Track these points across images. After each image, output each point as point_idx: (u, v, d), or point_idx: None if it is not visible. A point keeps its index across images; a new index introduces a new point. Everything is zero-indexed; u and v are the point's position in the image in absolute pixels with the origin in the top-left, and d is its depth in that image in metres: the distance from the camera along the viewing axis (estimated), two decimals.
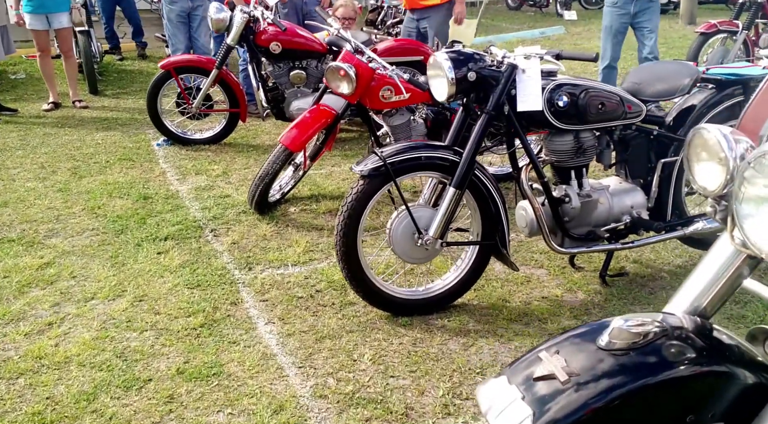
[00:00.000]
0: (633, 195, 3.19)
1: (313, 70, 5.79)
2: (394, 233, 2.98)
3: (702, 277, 1.50)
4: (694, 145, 1.49)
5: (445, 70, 2.85)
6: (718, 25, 7.17)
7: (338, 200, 4.59)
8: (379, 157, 2.88)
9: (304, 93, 5.79)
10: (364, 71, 4.11)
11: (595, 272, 3.40)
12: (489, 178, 3.01)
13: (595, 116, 2.98)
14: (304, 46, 5.73)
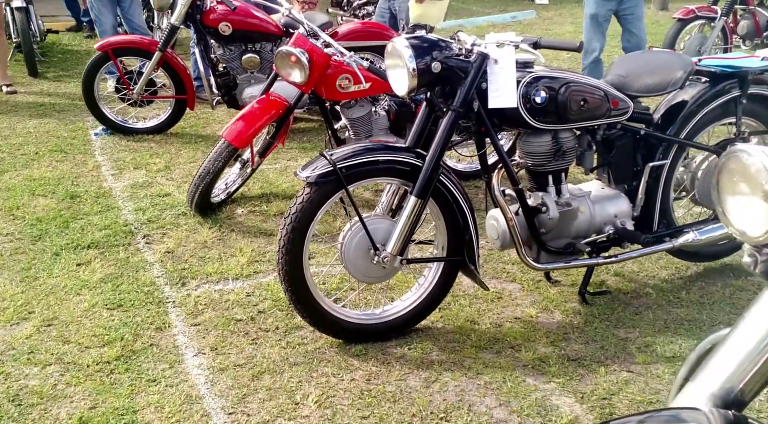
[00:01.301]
0: (617, 203, 2.82)
1: (267, 54, 5.32)
2: (347, 248, 2.56)
3: (736, 350, 1.11)
4: (729, 173, 1.10)
5: (405, 59, 2.42)
6: (696, 10, 6.88)
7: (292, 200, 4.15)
8: (329, 161, 2.46)
9: (258, 79, 5.33)
10: (319, 57, 3.66)
11: (573, 287, 3.03)
12: (456, 184, 2.60)
13: (576, 114, 2.59)
14: (257, 27, 5.26)
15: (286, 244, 2.49)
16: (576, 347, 2.61)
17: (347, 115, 3.98)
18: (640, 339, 2.63)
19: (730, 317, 2.76)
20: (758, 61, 2.89)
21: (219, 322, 2.83)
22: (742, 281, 3.04)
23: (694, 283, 3.06)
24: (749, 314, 1.12)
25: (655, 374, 2.43)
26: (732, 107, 2.88)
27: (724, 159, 1.08)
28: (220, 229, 3.77)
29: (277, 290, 3.08)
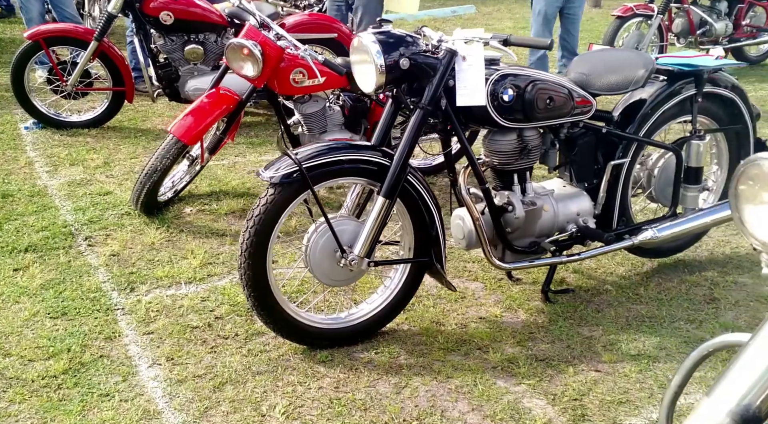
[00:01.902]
0: (579, 201, 2.82)
1: (211, 45, 5.13)
2: (312, 251, 2.47)
3: (753, 364, 1.09)
4: (748, 179, 1.06)
5: (373, 55, 2.33)
6: (635, 8, 7.04)
7: (244, 198, 4.02)
8: (294, 160, 2.35)
9: (201, 71, 5.13)
10: (272, 51, 3.53)
11: (535, 285, 3.02)
12: (423, 184, 2.54)
13: (542, 112, 2.57)
14: (200, 17, 5.06)
15: (249, 247, 2.38)
16: (543, 347, 2.59)
17: (301, 111, 3.86)
18: (605, 337, 2.64)
19: (689, 312, 2.81)
20: (713, 61, 2.95)
21: (174, 330, 2.69)
22: (696, 277, 3.10)
23: (650, 279, 3.10)
24: (765, 327, 1.10)
25: (622, 373, 2.43)
26: (688, 106, 2.93)
27: (744, 167, 1.05)
28: (169, 229, 3.60)
29: (234, 294, 2.96)
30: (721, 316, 2.77)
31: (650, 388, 2.36)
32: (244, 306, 2.85)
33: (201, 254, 3.33)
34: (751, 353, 1.09)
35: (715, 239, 3.44)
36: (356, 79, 2.48)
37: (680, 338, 2.63)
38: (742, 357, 1.10)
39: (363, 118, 4.02)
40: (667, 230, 2.87)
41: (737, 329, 2.67)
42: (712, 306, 2.84)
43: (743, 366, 1.09)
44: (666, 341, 2.60)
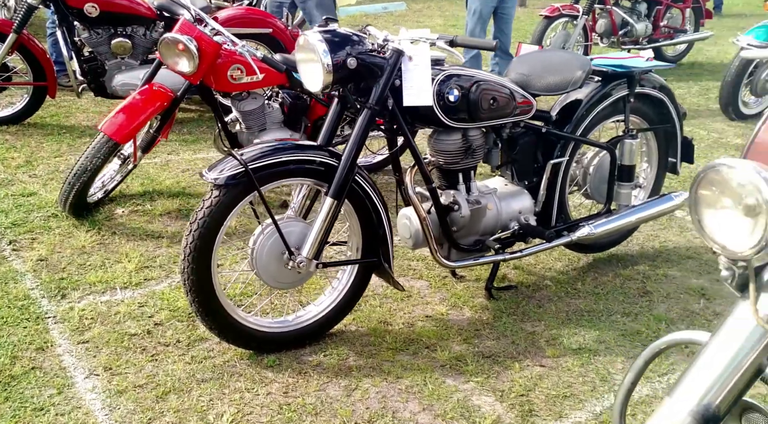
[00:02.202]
0: (521, 199, 2.88)
1: (140, 38, 4.97)
2: (259, 254, 2.42)
3: (712, 364, 1.13)
4: (708, 184, 1.09)
5: (320, 54, 2.30)
6: (561, 8, 7.24)
7: (179, 198, 3.90)
8: (239, 161, 2.29)
9: (129, 65, 4.96)
10: (208, 46, 3.43)
11: (478, 283, 3.07)
12: (371, 184, 2.53)
13: (487, 112, 2.60)
14: (127, 9, 4.89)
15: (192, 251, 2.30)
16: (489, 344, 2.63)
17: (239, 108, 3.77)
18: (547, 332, 2.71)
19: (624, 306, 2.91)
20: (644, 62, 3.06)
21: (110, 338, 2.58)
22: (629, 271, 3.21)
23: (587, 274, 3.19)
24: (724, 327, 1.14)
25: (565, 367, 2.50)
26: (621, 106, 3.03)
27: (704, 172, 1.09)
28: (100, 232, 3.45)
29: (173, 298, 2.87)
30: (654, 308, 2.89)
31: (592, 381, 2.43)
32: (185, 311, 2.77)
33: (136, 257, 3.21)
34: (710, 352, 1.14)
35: (645, 233, 3.58)
36: (302, 78, 2.44)
37: (617, 330, 2.72)
38: (701, 357, 1.14)
39: (303, 115, 3.97)
40: (603, 226, 2.97)
41: (669, 321, 2.79)
42: (646, 299, 2.95)
43: (703, 366, 1.13)
44: (604, 335, 2.69)
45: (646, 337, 2.67)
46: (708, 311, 2.86)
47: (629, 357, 2.54)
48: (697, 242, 3.50)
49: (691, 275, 3.17)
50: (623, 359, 2.53)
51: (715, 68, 8.02)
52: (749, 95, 5.96)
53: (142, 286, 2.98)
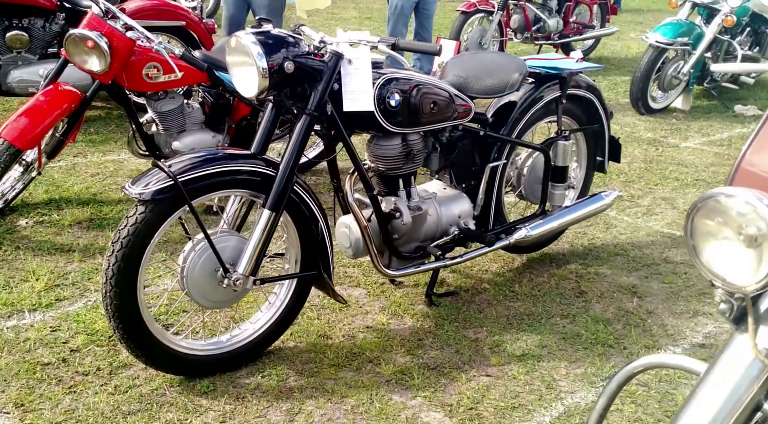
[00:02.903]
0: (460, 203, 2.82)
1: (38, 31, 4.59)
2: (190, 272, 2.24)
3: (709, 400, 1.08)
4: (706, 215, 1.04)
5: (255, 57, 2.14)
6: (477, 4, 7.30)
7: (89, 206, 3.61)
8: (168, 173, 2.10)
9: (26, 60, 4.59)
10: (121, 43, 3.18)
11: (417, 289, 3.00)
12: (310, 193, 2.40)
13: (427, 117, 2.52)
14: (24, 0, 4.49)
15: (116, 273, 2.10)
16: (433, 354, 2.57)
17: (155, 109, 3.53)
18: (490, 339, 2.67)
19: (561, 307, 2.91)
20: (575, 63, 3.07)
21: (21, 369, 2.34)
22: (562, 270, 3.23)
23: (523, 275, 3.19)
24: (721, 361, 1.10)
25: (511, 375, 2.47)
26: (553, 107, 3.03)
27: (701, 202, 1.04)
28: (1, 247, 3.15)
29: (90, 320, 2.64)
30: (590, 309, 2.91)
31: (539, 389, 2.41)
32: (105, 334, 2.55)
33: (45, 274, 2.94)
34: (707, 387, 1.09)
35: (574, 231, 3.63)
36: (235, 83, 2.27)
37: (558, 334, 2.72)
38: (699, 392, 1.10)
39: (226, 116, 3.77)
40: (539, 227, 2.97)
41: (606, 321, 2.82)
42: (582, 300, 2.98)
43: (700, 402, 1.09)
44: (546, 339, 2.68)
45: (585, 339, 2.69)
46: (641, 309, 2.91)
47: (571, 361, 2.54)
48: (623, 239, 3.58)
49: (621, 273, 3.22)
50: (566, 364, 2.52)
51: (620, 63, 8.32)
52: (657, 90, 6.20)
53: (53, 307, 2.73)
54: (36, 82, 4.56)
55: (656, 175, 4.54)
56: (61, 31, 4.70)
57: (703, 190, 4.26)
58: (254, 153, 2.31)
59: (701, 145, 5.25)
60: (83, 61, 3.15)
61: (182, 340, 2.35)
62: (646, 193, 4.22)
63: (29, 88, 4.58)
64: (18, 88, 4.58)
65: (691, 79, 6.10)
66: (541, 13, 7.79)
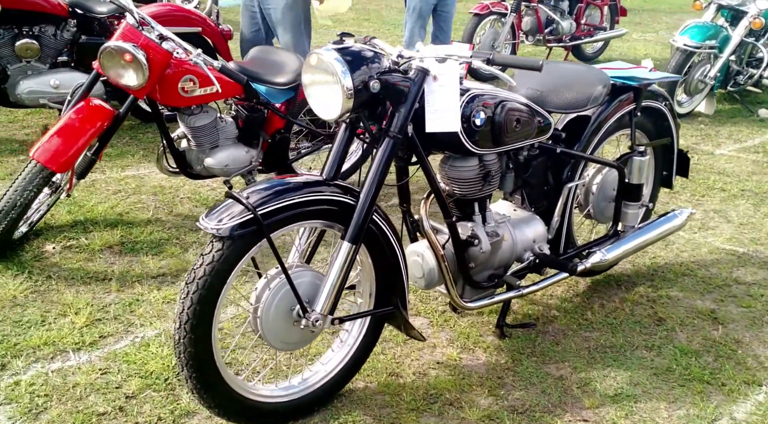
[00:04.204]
0: (534, 226, 2.63)
1: (49, 39, 4.37)
2: (265, 312, 2.02)
3: None
4: None
5: (339, 75, 1.93)
6: (491, 6, 7.14)
7: (118, 228, 3.38)
8: (246, 206, 1.89)
9: (36, 70, 4.37)
10: (158, 55, 2.96)
11: (482, 317, 2.80)
12: (386, 221, 2.19)
13: (511, 135, 2.32)
14: (35, 6, 4.30)
15: (191, 318, 1.88)
16: (518, 395, 2.37)
17: (189, 124, 3.31)
18: (575, 376, 2.47)
19: (643, 337, 2.72)
20: (648, 73, 2.88)
21: (75, 420, 2.11)
22: (633, 294, 3.04)
23: (592, 300, 2.99)
24: None
25: (609, 419, 2.26)
26: (626, 120, 2.84)
27: None
28: (32, 276, 2.91)
29: (141, 360, 2.42)
30: (674, 339, 2.72)
31: None
32: (160, 377, 2.33)
33: (83, 307, 2.71)
34: None
35: None
36: (312, 104, 2.06)
37: (647, 369, 2.53)
38: None
39: (260, 130, 3.55)
40: (614, 250, 2.78)
41: (694, 353, 2.62)
42: (662, 328, 2.78)
43: None
44: (636, 375, 2.49)
45: (679, 375, 2.49)
46: (728, 338, 2.72)
47: (670, 402, 2.35)
48: (686, 257, 3.40)
49: (694, 296, 3.04)
50: (666, 405, 2.33)
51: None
52: (682, 94, 6.06)
53: (98, 346, 2.50)
54: (47, 92, 4.32)
55: (700, 185, 4.37)
56: (73, 39, 4.47)
57: (753, 201, 4.11)
58: (328, 179, 2.10)
59: (736, 152, 5.10)
60: (118, 75, 2.92)
61: (254, 386, 2.13)
62: (695, 205, 4.05)
63: (40, 100, 4.35)
64: (28, 99, 4.34)
65: (716, 82, 5.97)
66: (554, 14, 7.63)
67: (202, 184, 3.97)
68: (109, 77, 2.96)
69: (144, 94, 3.04)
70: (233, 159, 3.44)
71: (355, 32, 2.19)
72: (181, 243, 3.32)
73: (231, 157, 3.44)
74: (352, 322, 2.29)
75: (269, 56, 3.66)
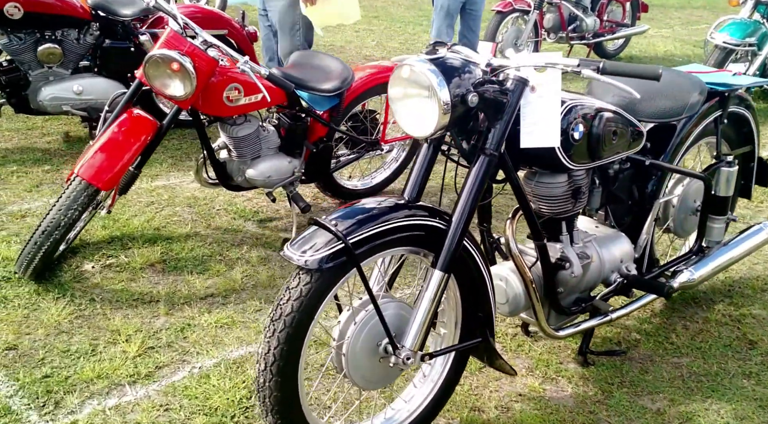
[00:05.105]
0: (620, 244, 2.43)
1: (71, 44, 4.20)
2: (351, 349, 1.83)
3: None
4: None
5: (435, 88, 1.74)
6: (513, 3, 6.96)
7: (157, 244, 3.20)
8: (336, 234, 1.70)
9: (58, 76, 4.20)
10: (204, 63, 2.77)
11: (558, 341, 2.60)
12: (476, 246, 2.00)
13: (608, 149, 2.13)
14: (58, 9, 4.13)
15: (278, 359, 1.70)
16: None
17: (231, 134, 3.12)
18: (674, 409, 2.28)
19: (739, 364, 2.52)
20: (735, 77, 2.69)
21: None
22: (714, 313, 2.85)
23: (672, 321, 2.80)
24: None
25: None
26: (711, 128, 2.65)
27: None
28: (74, 299, 2.72)
29: (203, 394, 2.23)
30: None
31: None
32: (226, 414, 2.15)
33: (133, 333, 2.53)
34: None
35: None
36: (399, 120, 1.86)
37: (751, 400, 2.33)
38: None
39: (303, 138, 3.36)
40: (703, 268, 2.59)
41: None
42: (757, 352, 2.59)
43: None
44: (740, 407, 2.29)
45: None
46: None
47: None
48: (760, 270, 3.21)
49: None
50: None
51: (650, 62, 7.98)
52: None
53: (154, 378, 2.31)
54: (70, 99, 4.14)
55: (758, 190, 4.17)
56: (96, 43, 4.28)
57: None
58: (411, 201, 1.91)
59: None
60: (164, 85, 2.73)
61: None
62: (757, 213, 3.86)
63: (63, 106, 4.17)
64: (50, 106, 4.17)
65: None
66: (577, 11, 7.44)
67: (236, 194, 3.79)
68: (153, 87, 2.77)
69: (189, 105, 2.86)
70: (276, 170, 3.26)
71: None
72: (225, 260, 3.13)
73: (273, 168, 3.25)
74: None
75: (313, 61, 3.46)
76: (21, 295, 2.71)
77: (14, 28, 4.01)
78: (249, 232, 3.42)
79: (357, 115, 3.73)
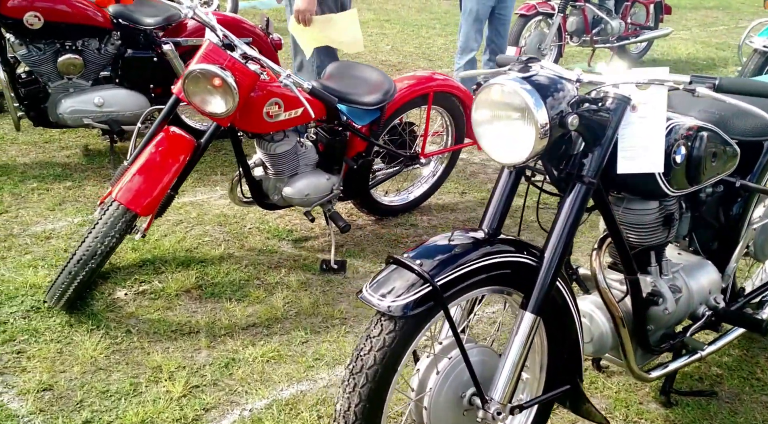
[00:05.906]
0: (708, 274, 2.22)
1: (92, 54, 4.02)
2: (434, 401, 1.63)
3: None
4: None
5: (532, 109, 1.54)
6: (537, 6, 6.77)
7: (191, 267, 3.01)
8: (422, 275, 1.50)
9: (78, 87, 4.03)
10: (245, 78, 2.58)
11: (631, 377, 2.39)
12: (568, 285, 1.79)
13: (708, 172, 1.93)
14: (79, 19, 3.96)
15: (359, 417, 1.50)
16: None
17: (269, 150, 2.93)
18: None
19: None
20: None
21: None
22: None
23: (753, 353, 2.58)
24: None
25: None
26: None
27: None
28: (109, 331, 2.53)
29: None
30: None
31: None
32: None
33: (175, 370, 2.33)
34: None
35: None
36: (485, 145, 1.65)
37: None
38: None
39: (342, 154, 3.16)
40: None
41: None
42: None
43: None
44: None
45: None
46: None
47: None
48: None
49: None
50: None
51: (674, 65, 7.75)
52: None
53: (202, 422, 2.12)
54: (91, 111, 3.96)
55: None
56: (117, 53, 4.10)
57: None
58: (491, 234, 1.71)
59: None
60: (205, 101, 2.54)
61: None
62: None
63: (83, 119, 3.98)
64: (70, 119, 3.99)
65: None
66: (601, 13, 7.24)
67: (268, 212, 3.59)
68: (192, 104, 2.58)
69: (229, 122, 2.67)
70: (314, 187, 3.08)
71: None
72: (263, 285, 2.94)
73: (312, 186, 3.07)
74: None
75: (352, 72, 3.27)
76: (52, 327, 2.52)
77: (34, 38, 3.83)
78: (285, 253, 3.23)
79: (395, 128, 3.54)
